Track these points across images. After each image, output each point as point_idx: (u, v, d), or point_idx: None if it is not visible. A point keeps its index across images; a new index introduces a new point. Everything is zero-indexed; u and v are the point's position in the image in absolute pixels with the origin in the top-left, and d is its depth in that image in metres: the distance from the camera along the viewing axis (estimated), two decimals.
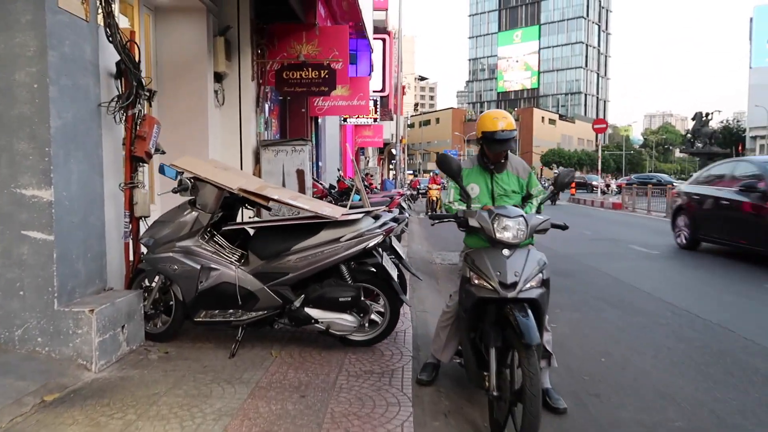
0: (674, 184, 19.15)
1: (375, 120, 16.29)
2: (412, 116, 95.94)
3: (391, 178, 35.55)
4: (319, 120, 12.90)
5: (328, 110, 11.56)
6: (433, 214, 3.10)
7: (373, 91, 18.76)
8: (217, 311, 3.75)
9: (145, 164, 4.19)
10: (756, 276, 7.30)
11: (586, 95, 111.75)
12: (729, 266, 8.05)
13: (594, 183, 36.22)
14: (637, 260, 8.77)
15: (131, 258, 4.13)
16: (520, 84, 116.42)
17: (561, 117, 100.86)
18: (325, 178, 12.49)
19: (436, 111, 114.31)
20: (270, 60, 7.85)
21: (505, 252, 2.80)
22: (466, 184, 3.27)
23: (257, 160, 7.67)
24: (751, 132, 76.61)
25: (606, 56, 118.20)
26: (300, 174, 7.54)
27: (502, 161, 3.33)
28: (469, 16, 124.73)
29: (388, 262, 3.79)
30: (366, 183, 14.85)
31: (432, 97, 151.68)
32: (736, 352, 4.22)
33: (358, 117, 15.84)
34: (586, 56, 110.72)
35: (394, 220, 3.88)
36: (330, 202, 8.29)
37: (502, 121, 3.19)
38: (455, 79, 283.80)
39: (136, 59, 4.05)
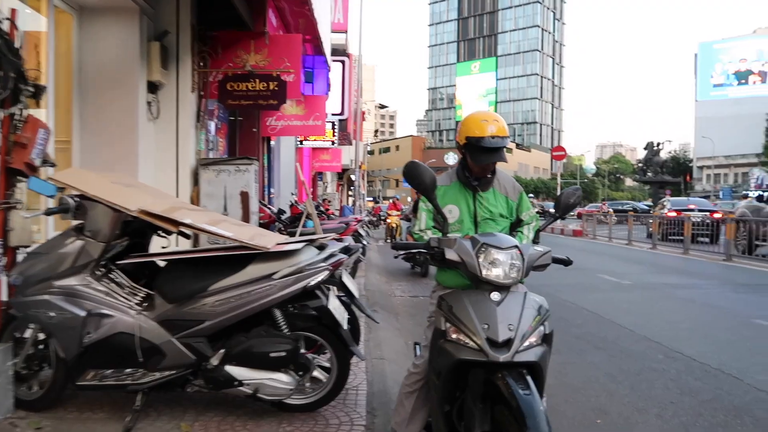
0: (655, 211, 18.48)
1: (333, 143, 15.53)
2: (372, 143, 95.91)
3: (350, 204, 34.82)
4: (272, 142, 12.07)
5: (281, 130, 10.74)
6: (397, 243, 2.30)
7: (332, 114, 18.10)
8: (109, 371, 2.84)
9: (25, 179, 3.28)
10: (737, 309, 6.78)
11: (541, 125, 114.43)
12: (707, 297, 7.54)
13: (552, 210, 36.28)
14: (610, 291, 8.19)
15: (5, 299, 3.19)
16: None
17: (518, 146, 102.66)
18: (278, 204, 11.60)
19: (396, 138, 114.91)
20: (213, 69, 7.02)
21: (495, 296, 2.04)
22: (443, 205, 2.51)
23: (196, 181, 6.78)
24: (698, 162, 79.62)
25: (560, 88, 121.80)
26: (244, 197, 6.67)
27: (489, 176, 2.60)
28: (429, 46, 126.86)
29: (335, 304, 2.97)
30: (323, 209, 14.04)
31: (392, 125, 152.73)
32: (754, 409, 3.55)
33: (315, 139, 15.06)
34: (541, 87, 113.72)
35: (345, 250, 3.10)
36: (279, 229, 7.43)
37: (493, 124, 2.45)
38: (415, 108, 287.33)
39: (17, 46, 3.18)
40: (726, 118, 74.06)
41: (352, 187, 56.32)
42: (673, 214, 17.84)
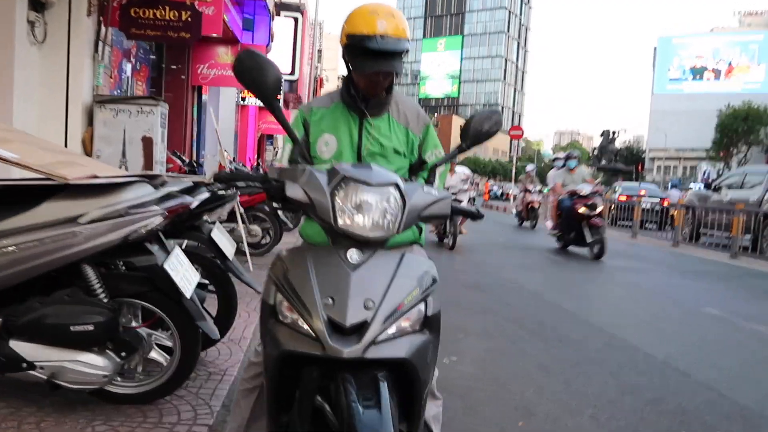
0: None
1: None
2: None
3: None
4: (204, 96, 11.02)
5: (214, 80, 9.71)
6: (219, 174, 1.50)
7: (285, 74, 17.00)
8: None
9: None
10: (685, 296, 6.34)
11: (503, 107, 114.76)
12: (654, 283, 7.10)
13: (510, 192, 35.69)
14: (555, 272, 7.67)
15: None
16: (441, 91, 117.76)
17: None
18: (213, 167, 10.53)
19: None
20: None
21: (353, 256, 1.31)
22: (318, 135, 1.82)
23: (90, 121, 5.81)
24: (650, 153, 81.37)
25: (523, 72, 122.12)
26: (147, 143, 5.76)
27: (382, 97, 1.85)
28: None
29: (175, 264, 2.17)
30: (264, 172, 13.08)
31: None
32: (703, 412, 2.98)
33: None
34: (505, 70, 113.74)
35: (189, 190, 2.29)
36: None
37: (385, 19, 1.71)
38: None
39: None
40: (680, 112, 75.75)
41: None
42: (624, 198, 17.68)
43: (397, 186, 1.37)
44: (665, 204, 17.17)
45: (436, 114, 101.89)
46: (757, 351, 4.29)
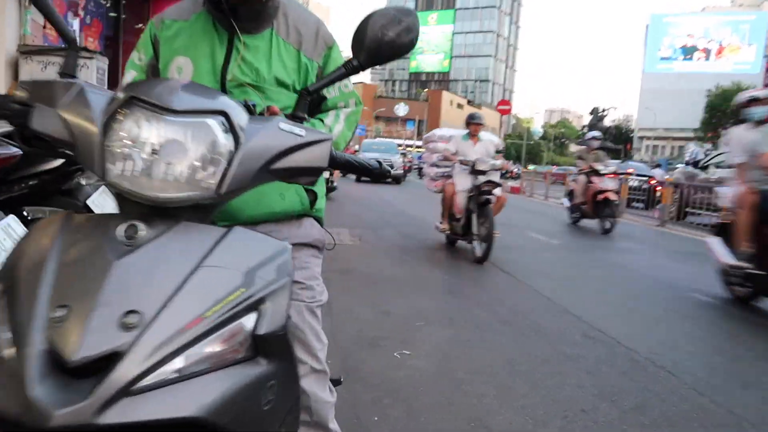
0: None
1: None
2: None
3: None
4: None
5: None
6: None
7: None
8: None
9: None
10: (671, 279, 5.88)
11: (493, 84, 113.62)
12: (639, 264, 6.64)
13: (513, 170, 35.02)
14: (536, 252, 7.18)
15: None
16: (432, 66, 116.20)
17: (469, 102, 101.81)
18: None
19: None
20: None
21: (129, 234, 0.75)
22: (168, 60, 1.31)
23: (16, 75, 5.16)
24: (639, 132, 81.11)
25: (515, 48, 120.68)
26: None
27: (264, 4, 1.29)
28: None
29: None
30: None
31: None
32: (695, 426, 2.49)
33: None
34: (497, 46, 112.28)
35: None
36: None
37: None
38: None
39: None
40: (669, 91, 75.40)
41: None
42: (611, 176, 17.23)
43: (224, 116, 0.81)
44: (651, 183, 16.79)
45: (426, 89, 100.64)
46: (754, 345, 3.83)
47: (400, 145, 34.94)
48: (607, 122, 71.90)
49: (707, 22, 78.05)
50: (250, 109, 0.94)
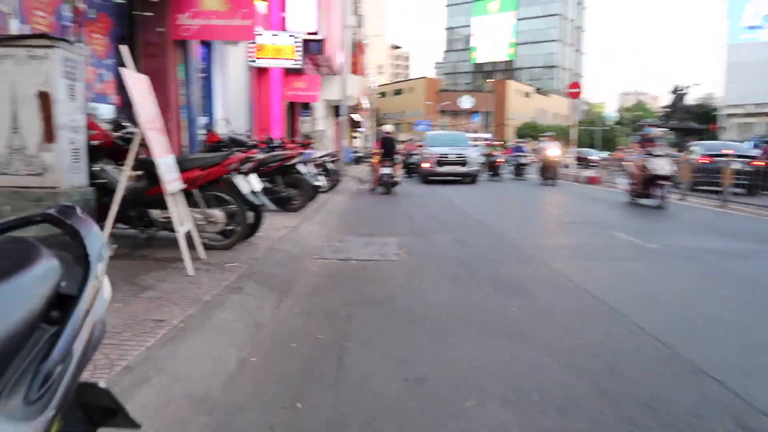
0: None
1: (296, 62, 12.60)
2: (381, 85, 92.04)
3: (347, 145, 31.90)
4: (196, 50, 9.41)
5: (199, 31, 8.09)
6: None
7: (307, 33, 15.25)
8: None
9: None
10: None
11: (561, 69, 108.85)
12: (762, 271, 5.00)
13: (591, 157, 31.18)
14: (629, 260, 5.66)
15: None
16: (495, 55, 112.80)
17: (537, 90, 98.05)
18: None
19: (408, 80, 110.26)
20: None
21: None
22: None
23: None
24: (726, 110, 74.74)
25: (581, 30, 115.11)
26: (44, 100, 4.16)
27: None
28: None
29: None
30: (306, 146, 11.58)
31: (407, 67, 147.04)
32: None
33: (275, 56, 12.26)
34: (562, 29, 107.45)
35: None
36: (117, 152, 4.83)
37: None
38: (432, 50, 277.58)
39: None
40: (758, 63, 69.03)
41: (358, 128, 52.92)
42: (705, 160, 15.06)
43: None
44: (754, 164, 14.52)
45: (490, 80, 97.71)
46: None
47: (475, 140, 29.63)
48: (689, 101, 66.79)
49: None
50: None
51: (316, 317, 3.53)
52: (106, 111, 6.73)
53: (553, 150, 18.76)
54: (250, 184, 5.10)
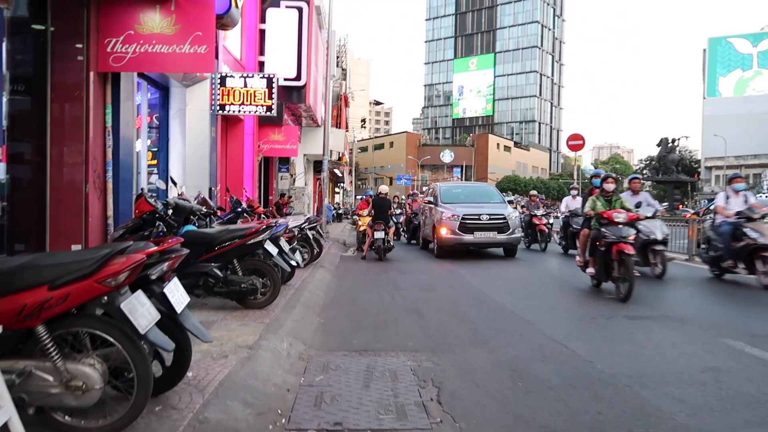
0: None
1: (269, 109, 10.45)
2: (362, 140, 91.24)
3: (328, 203, 29.76)
4: (134, 87, 7.31)
5: (135, 61, 5.99)
6: None
7: (284, 78, 13.38)
8: None
9: None
10: None
11: (540, 124, 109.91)
12: None
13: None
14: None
15: None
16: (475, 111, 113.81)
17: (516, 144, 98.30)
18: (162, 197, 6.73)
19: (390, 135, 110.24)
20: None
21: None
22: None
23: None
24: (707, 162, 74.86)
25: (559, 86, 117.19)
26: None
27: None
28: (426, 42, 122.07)
29: None
30: (248, 206, 9.46)
31: (387, 122, 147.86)
32: None
33: (241, 103, 10.21)
34: (540, 85, 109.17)
35: None
36: None
37: None
38: (410, 105, 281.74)
39: None
40: (736, 116, 69.79)
41: (340, 183, 50.64)
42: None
43: None
44: None
45: (470, 134, 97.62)
46: None
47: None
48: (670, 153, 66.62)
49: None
50: None
51: None
52: None
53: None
54: (154, 308, 2.69)
